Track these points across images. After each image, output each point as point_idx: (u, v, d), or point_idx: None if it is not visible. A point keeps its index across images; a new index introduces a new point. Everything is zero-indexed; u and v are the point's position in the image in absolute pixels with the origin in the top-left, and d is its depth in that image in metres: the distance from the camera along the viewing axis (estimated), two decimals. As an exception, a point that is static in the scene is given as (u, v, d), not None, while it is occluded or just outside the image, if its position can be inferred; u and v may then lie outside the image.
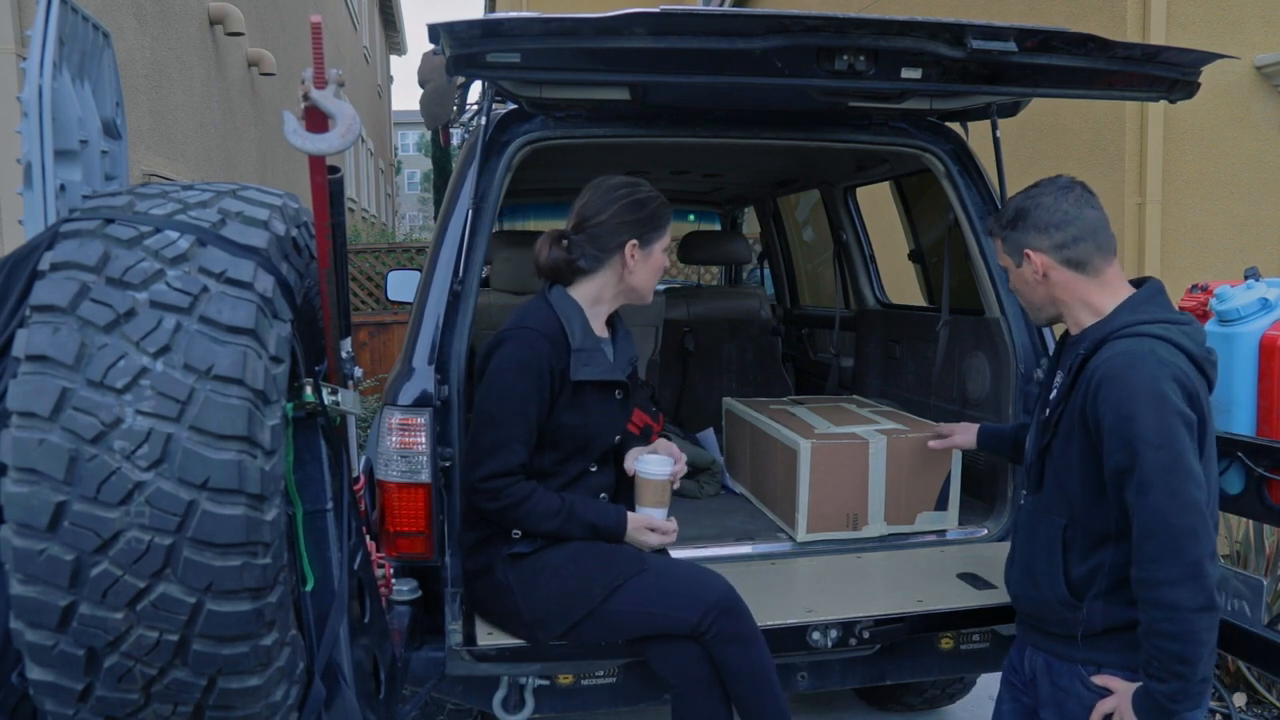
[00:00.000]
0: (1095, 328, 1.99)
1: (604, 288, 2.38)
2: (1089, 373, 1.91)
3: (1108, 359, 1.88)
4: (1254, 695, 3.66)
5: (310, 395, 1.53)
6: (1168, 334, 1.89)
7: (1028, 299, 2.13)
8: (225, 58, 8.42)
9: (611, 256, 2.34)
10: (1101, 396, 1.85)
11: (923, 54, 2.30)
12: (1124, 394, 1.82)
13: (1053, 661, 2.04)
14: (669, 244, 2.42)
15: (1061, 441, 2.00)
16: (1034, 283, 2.07)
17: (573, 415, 2.29)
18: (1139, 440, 1.79)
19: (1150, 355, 1.84)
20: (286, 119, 1.37)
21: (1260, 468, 2.19)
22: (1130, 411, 1.81)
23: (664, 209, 2.38)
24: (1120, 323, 1.94)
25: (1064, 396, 1.99)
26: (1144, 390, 1.81)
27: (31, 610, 1.13)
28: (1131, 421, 1.80)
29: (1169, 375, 1.82)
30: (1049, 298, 2.07)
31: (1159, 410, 1.79)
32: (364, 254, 9.57)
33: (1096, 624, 1.94)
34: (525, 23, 2.16)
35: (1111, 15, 4.89)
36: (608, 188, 2.36)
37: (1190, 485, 1.78)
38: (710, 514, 3.34)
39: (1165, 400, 1.80)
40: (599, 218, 2.32)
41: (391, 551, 2.42)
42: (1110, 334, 1.93)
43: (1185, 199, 4.85)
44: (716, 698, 2.22)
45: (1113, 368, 1.86)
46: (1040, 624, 2.07)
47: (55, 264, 1.19)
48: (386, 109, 27.08)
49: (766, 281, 5.72)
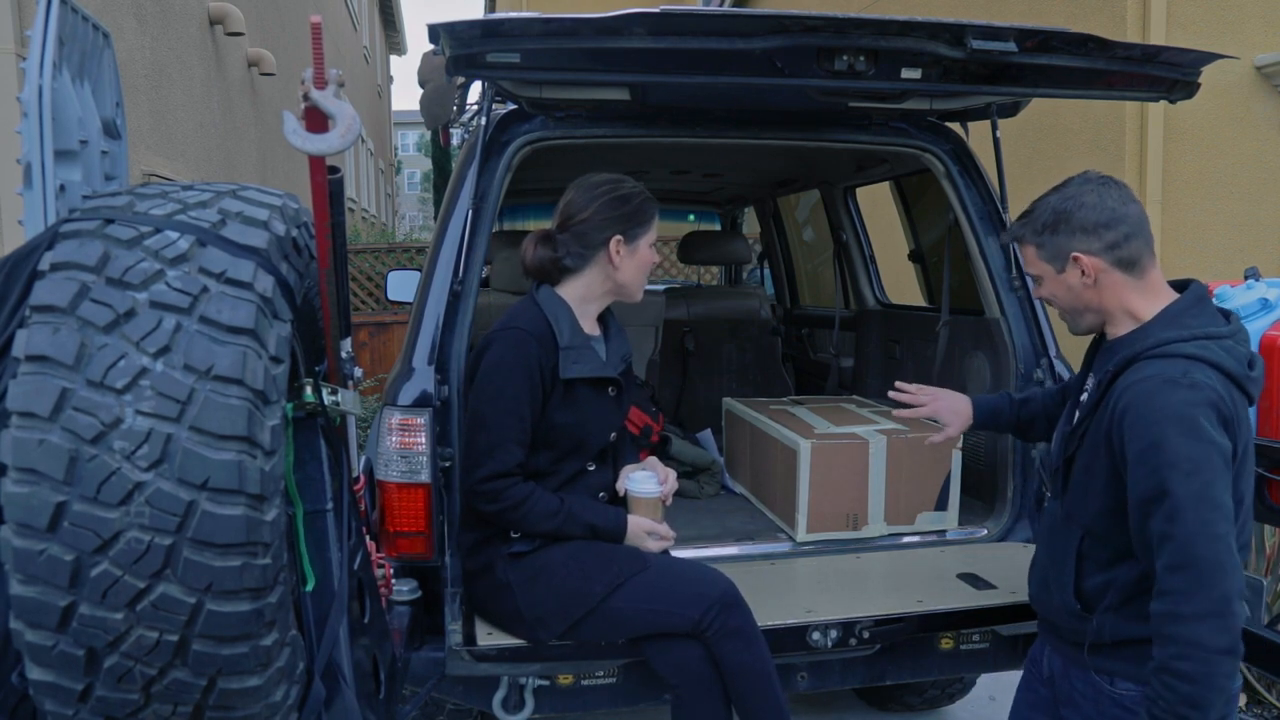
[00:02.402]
0: (1129, 339, 1.88)
1: (591, 285, 2.38)
2: (1115, 393, 1.82)
3: (1135, 382, 1.77)
4: (1254, 695, 3.66)
5: (310, 395, 1.53)
6: (1204, 352, 1.77)
7: (1070, 306, 1.97)
8: (225, 58, 8.42)
9: (597, 253, 2.34)
10: (1128, 422, 1.75)
11: (923, 54, 2.30)
12: (1151, 419, 1.71)
13: (1069, 664, 2.02)
14: (656, 240, 2.41)
15: (1087, 454, 1.91)
16: (1081, 289, 1.92)
17: (566, 414, 2.29)
18: (1168, 467, 1.68)
19: (1184, 380, 1.73)
20: (286, 119, 1.37)
21: (1260, 468, 2.18)
22: (1158, 437, 1.70)
23: (648, 204, 2.37)
24: (1154, 340, 1.82)
25: (1091, 410, 1.90)
26: (1174, 416, 1.70)
27: (31, 610, 1.13)
28: (1159, 449, 1.69)
29: (1203, 400, 1.71)
30: (1095, 304, 1.93)
31: (1191, 437, 1.69)
32: (364, 254, 9.58)
33: (1105, 636, 1.90)
34: (525, 23, 2.16)
35: (1111, 15, 4.89)
36: (590, 185, 2.36)
37: (1219, 518, 1.68)
38: (710, 514, 3.34)
39: (1197, 427, 1.69)
40: (582, 215, 2.33)
41: (391, 551, 2.42)
42: (1142, 352, 1.81)
43: (1185, 199, 4.85)
44: (716, 697, 2.22)
45: (1140, 392, 1.75)
46: (1054, 629, 2.05)
47: (55, 264, 1.19)
48: (386, 109, 27.08)
49: (766, 281, 5.72)
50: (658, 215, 2.41)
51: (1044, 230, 1.94)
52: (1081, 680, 1.97)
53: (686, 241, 5.04)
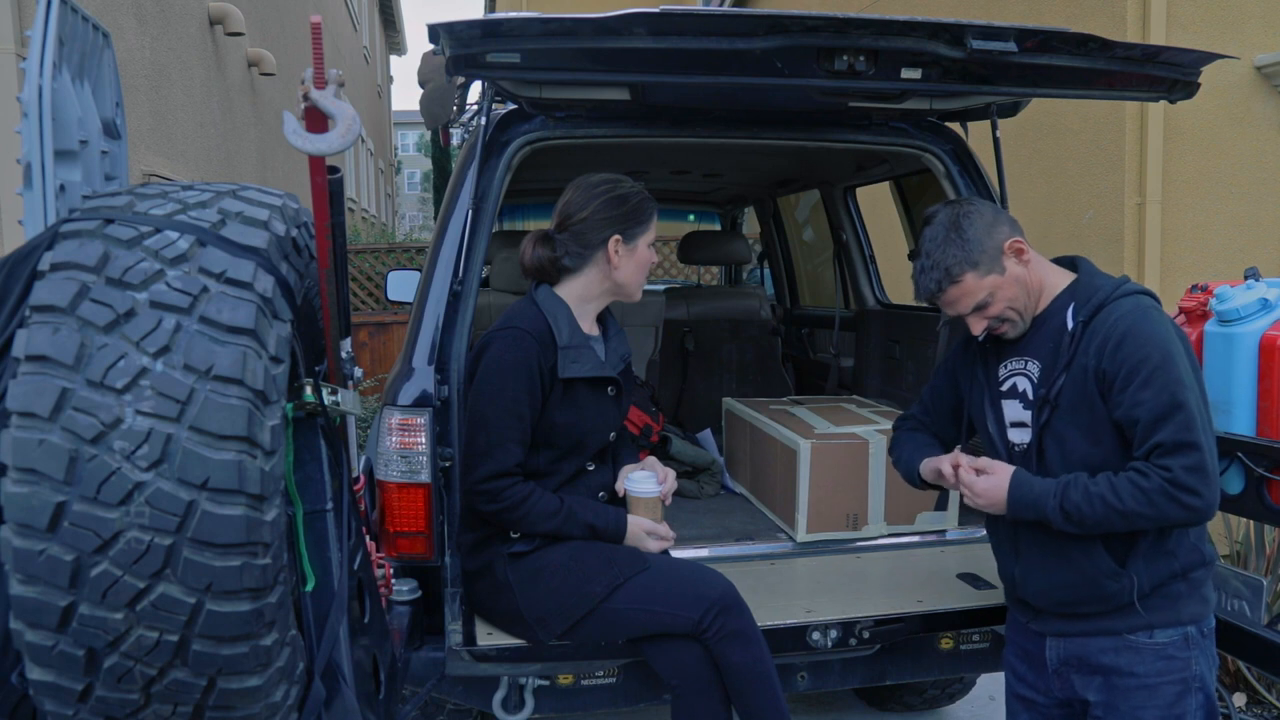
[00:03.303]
0: (1069, 297, 2.05)
1: (590, 285, 2.37)
2: (1093, 335, 1.96)
3: (1118, 319, 1.95)
4: (1254, 695, 3.66)
5: (310, 395, 1.53)
6: (1145, 289, 2.03)
7: (1024, 301, 2.07)
8: (225, 58, 8.42)
9: (595, 253, 2.33)
10: (1126, 350, 1.92)
11: (923, 54, 2.30)
12: (1150, 342, 1.91)
13: (1089, 642, 2.04)
14: (655, 240, 2.41)
15: (1067, 414, 2.00)
16: (1025, 275, 2.06)
17: (565, 413, 2.29)
18: (1176, 384, 1.88)
19: (1155, 310, 1.98)
20: (286, 119, 1.37)
21: (1260, 468, 2.19)
22: (1161, 359, 1.90)
23: (646, 204, 2.37)
24: (1110, 285, 2.02)
25: (1064, 368, 1.99)
26: (1167, 338, 1.93)
27: (31, 610, 1.13)
28: (1166, 368, 1.89)
29: (1174, 326, 1.98)
30: (1034, 285, 2.08)
31: (1183, 356, 1.93)
32: (364, 254, 9.58)
33: (1145, 585, 1.97)
34: (525, 23, 2.16)
35: (1111, 15, 4.88)
36: (588, 185, 2.36)
37: (1210, 423, 1.93)
38: (710, 514, 3.34)
39: (1183, 349, 1.95)
40: (581, 214, 2.32)
41: (391, 551, 2.42)
42: (1107, 297, 1.99)
43: (1185, 199, 4.84)
44: (716, 697, 2.22)
45: (1130, 324, 1.93)
46: (1075, 608, 2.05)
47: (55, 264, 1.19)
48: (386, 109, 27.07)
49: (766, 281, 5.72)
50: (656, 214, 2.41)
51: (968, 250, 2.04)
52: (1113, 651, 2.01)
53: (686, 241, 5.04)
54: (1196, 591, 2.01)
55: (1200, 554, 2.02)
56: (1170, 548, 1.98)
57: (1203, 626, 2.01)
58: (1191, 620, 2.00)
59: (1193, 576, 2.01)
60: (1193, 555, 2.00)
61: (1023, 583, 2.13)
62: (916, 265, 2.12)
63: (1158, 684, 1.98)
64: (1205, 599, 2.03)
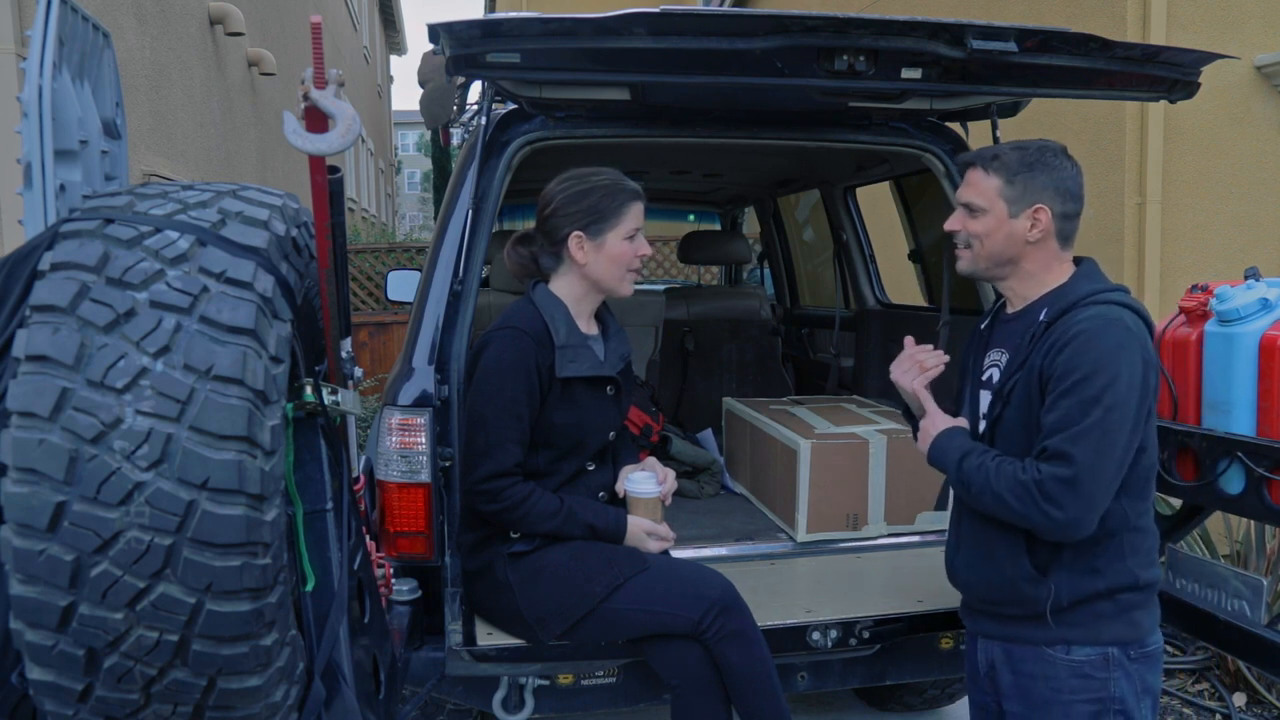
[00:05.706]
0: (1052, 296, 1.97)
1: (573, 283, 2.35)
2: (1050, 338, 1.90)
3: (1076, 322, 1.87)
4: (1254, 695, 3.66)
5: (310, 395, 1.53)
6: (1129, 302, 1.93)
7: (995, 253, 2.00)
8: (225, 58, 8.42)
9: (564, 250, 2.32)
10: (1072, 349, 1.85)
11: (923, 54, 2.30)
12: (1100, 353, 1.83)
13: (1012, 649, 2.01)
14: (634, 230, 2.31)
15: (1015, 411, 1.96)
16: (1021, 241, 1.97)
17: (564, 413, 2.29)
18: (1093, 402, 1.81)
19: (1120, 323, 1.87)
20: (286, 119, 1.37)
21: (1260, 468, 2.18)
22: (1098, 370, 1.82)
23: (611, 198, 2.28)
24: (1085, 290, 1.93)
25: (1020, 365, 1.95)
26: (1116, 355, 1.83)
27: (31, 610, 1.13)
28: (1094, 380, 1.81)
29: (1136, 345, 1.86)
30: (1021, 260, 1.99)
31: (1129, 377, 1.83)
32: (364, 254, 9.57)
33: (1064, 598, 1.92)
34: (525, 23, 2.16)
35: (1111, 15, 4.88)
36: (560, 179, 2.33)
37: (1116, 454, 1.83)
38: (710, 514, 3.34)
39: (1134, 370, 1.84)
40: (546, 211, 2.32)
41: (391, 551, 2.42)
42: (1076, 301, 1.92)
43: (1185, 199, 4.84)
44: (716, 697, 2.22)
45: (1086, 329, 1.85)
46: (997, 608, 2.02)
47: (55, 264, 1.19)
48: (386, 109, 27.07)
49: (766, 281, 5.72)
50: (635, 205, 2.31)
51: (1023, 169, 1.96)
52: (1032, 660, 1.97)
53: (686, 241, 5.04)
54: (1125, 615, 1.93)
55: (1133, 577, 1.93)
56: (1096, 565, 1.91)
57: (1129, 650, 1.93)
58: (1113, 642, 1.92)
59: (1120, 599, 1.93)
60: (1122, 577, 1.93)
61: (957, 573, 2.14)
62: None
63: (1071, 701, 1.93)
64: (1134, 623, 1.94)
